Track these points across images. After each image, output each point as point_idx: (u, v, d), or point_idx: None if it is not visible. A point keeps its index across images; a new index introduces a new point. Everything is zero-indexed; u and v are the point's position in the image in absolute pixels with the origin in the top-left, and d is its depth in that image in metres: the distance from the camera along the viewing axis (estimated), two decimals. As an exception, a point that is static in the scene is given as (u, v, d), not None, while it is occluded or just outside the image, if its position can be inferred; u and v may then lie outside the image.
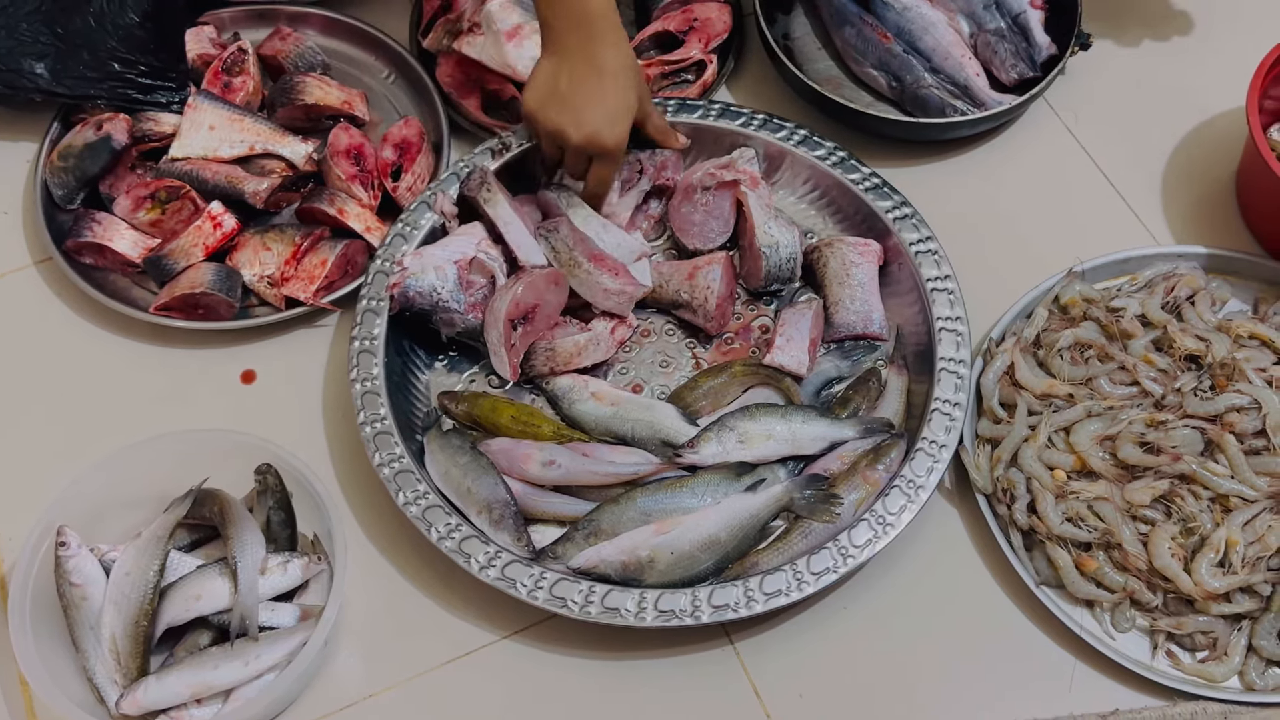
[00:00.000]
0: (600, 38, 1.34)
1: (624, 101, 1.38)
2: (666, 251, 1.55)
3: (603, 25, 1.34)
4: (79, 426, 1.45)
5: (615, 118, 1.38)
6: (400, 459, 1.34)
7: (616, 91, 1.37)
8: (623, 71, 1.36)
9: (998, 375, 1.42)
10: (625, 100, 1.38)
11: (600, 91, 1.36)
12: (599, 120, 1.37)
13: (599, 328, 1.44)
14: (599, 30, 1.34)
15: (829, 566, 1.28)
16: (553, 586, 1.27)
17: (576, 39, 1.35)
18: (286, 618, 1.28)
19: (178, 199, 1.52)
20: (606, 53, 1.35)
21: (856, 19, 1.68)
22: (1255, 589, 1.29)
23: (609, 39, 1.35)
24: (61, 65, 1.58)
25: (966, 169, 1.64)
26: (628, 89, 1.38)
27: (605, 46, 1.35)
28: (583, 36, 1.34)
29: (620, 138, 1.39)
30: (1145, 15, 1.76)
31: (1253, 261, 1.52)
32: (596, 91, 1.36)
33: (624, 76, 1.37)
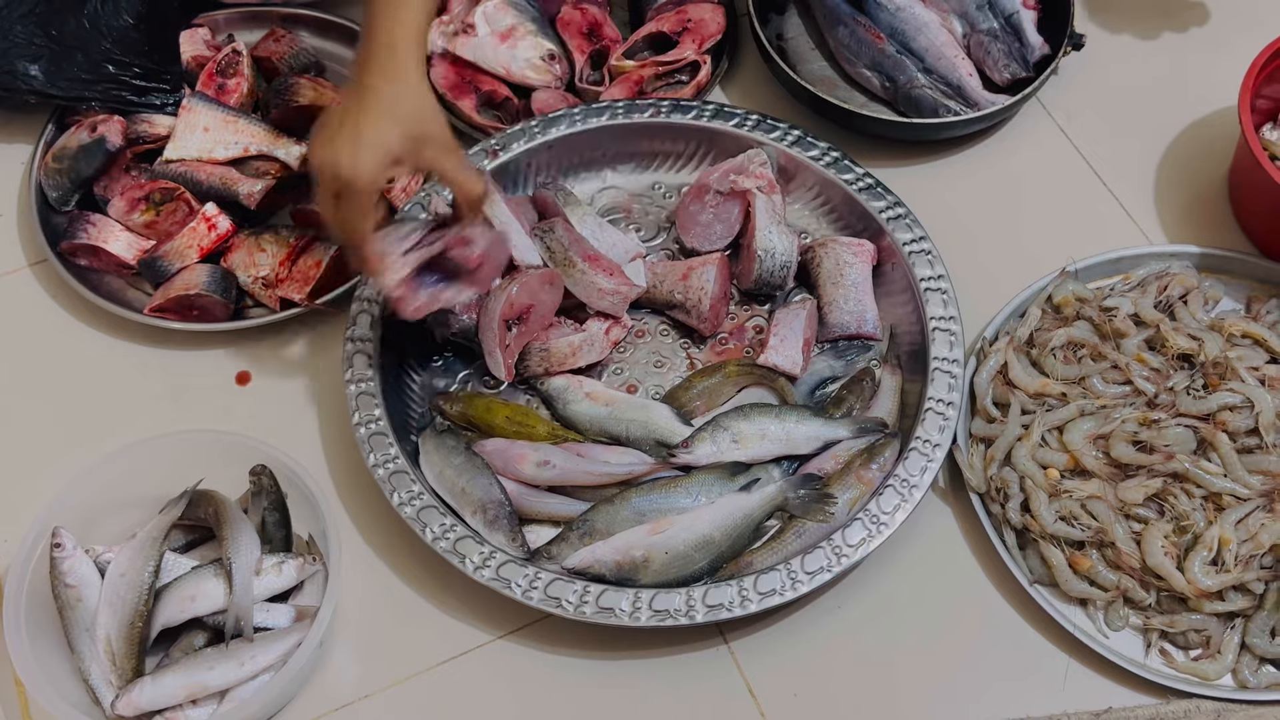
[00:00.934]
0: (376, 66, 1.22)
1: (376, 133, 1.20)
2: (662, 251, 1.56)
3: (384, 55, 1.21)
4: (74, 428, 1.45)
5: (360, 147, 1.19)
6: (395, 460, 1.34)
7: (372, 122, 1.20)
8: (389, 100, 1.21)
9: (991, 374, 1.43)
10: (378, 133, 1.20)
11: (354, 118, 1.20)
12: (339, 147, 1.20)
13: (594, 328, 1.44)
14: (376, 58, 1.22)
15: (823, 566, 1.28)
16: (547, 586, 1.27)
17: (357, 66, 1.23)
18: (281, 618, 1.28)
19: (172, 201, 1.52)
20: (376, 82, 1.21)
21: (850, 19, 1.68)
22: (1248, 587, 1.30)
23: (385, 69, 1.21)
24: (56, 67, 1.58)
25: (960, 169, 1.65)
26: (387, 122, 1.21)
27: (377, 76, 1.21)
28: (360, 63, 1.23)
29: (361, 170, 1.20)
30: (1138, 15, 1.77)
31: (1245, 260, 1.52)
32: (351, 118, 1.21)
33: (388, 105, 1.21)
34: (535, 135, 1.54)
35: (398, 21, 1.22)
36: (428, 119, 1.25)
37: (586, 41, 1.68)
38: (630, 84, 1.64)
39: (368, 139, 1.20)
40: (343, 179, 1.21)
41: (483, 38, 1.62)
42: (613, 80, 1.66)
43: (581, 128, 1.55)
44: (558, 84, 1.64)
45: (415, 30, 1.23)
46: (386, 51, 1.22)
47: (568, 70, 1.66)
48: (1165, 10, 1.77)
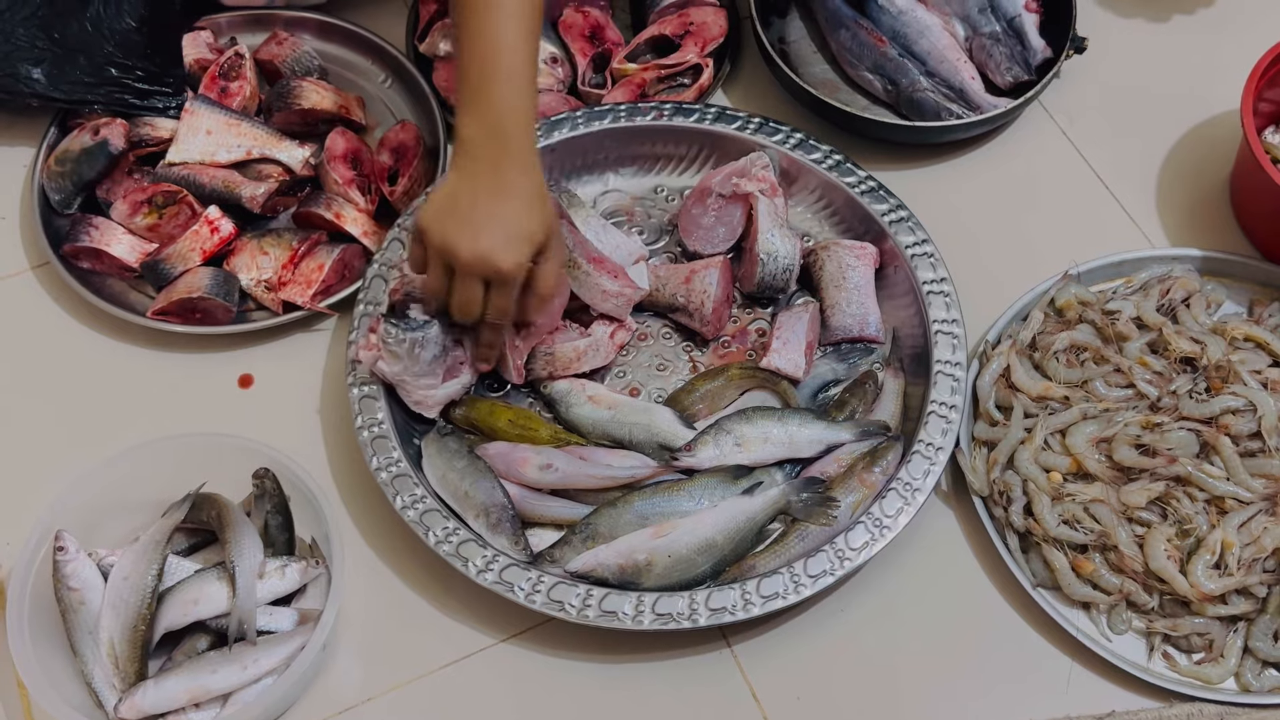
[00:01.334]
0: (511, 157, 1.24)
1: (526, 226, 1.24)
2: (664, 254, 1.55)
3: (517, 146, 1.24)
4: (76, 431, 1.45)
5: (514, 239, 1.24)
6: (398, 463, 1.34)
7: (519, 215, 1.24)
8: (530, 197, 1.25)
9: (994, 378, 1.43)
10: (527, 225, 1.24)
11: (502, 212, 1.24)
12: (495, 239, 1.23)
13: (598, 332, 1.44)
14: (512, 150, 1.24)
15: (826, 569, 1.28)
16: (550, 590, 1.27)
17: (488, 156, 1.24)
18: (284, 622, 1.28)
19: (175, 204, 1.52)
20: (515, 175, 1.24)
21: (852, 23, 1.68)
22: (1251, 591, 1.30)
23: (520, 162, 1.25)
24: (58, 70, 1.58)
25: (962, 172, 1.65)
26: (532, 216, 1.25)
27: (516, 168, 1.24)
28: (495, 154, 1.24)
29: (517, 262, 1.24)
30: (1140, 19, 1.77)
31: (1247, 264, 1.52)
32: (499, 211, 1.24)
33: (531, 202, 1.25)
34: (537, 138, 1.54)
35: (520, 110, 1.25)
36: (553, 212, 1.29)
37: (589, 44, 1.68)
38: (632, 87, 1.64)
39: (521, 233, 1.25)
40: (496, 270, 1.24)
41: (485, 41, 1.62)
42: (615, 83, 1.66)
43: (584, 131, 1.55)
44: (560, 87, 1.64)
45: (534, 116, 1.28)
46: (519, 145, 1.25)
47: (570, 73, 1.66)
48: (1168, 14, 1.77)
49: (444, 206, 1.25)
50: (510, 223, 1.24)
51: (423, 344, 1.33)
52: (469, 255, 1.24)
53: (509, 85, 1.24)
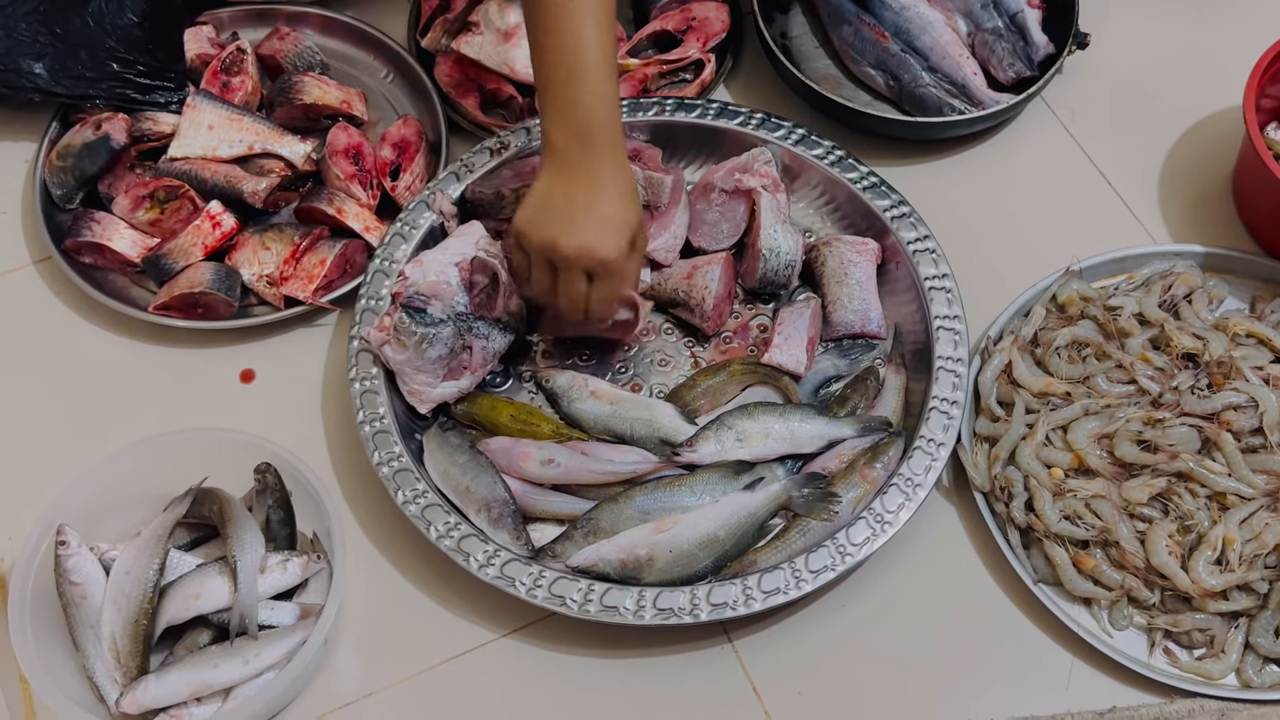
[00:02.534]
0: (601, 154, 1.27)
1: (622, 215, 1.28)
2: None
3: (604, 141, 1.27)
4: (78, 426, 1.45)
5: (613, 229, 1.27)
6: (399, 458, 1.34)
7: (615, 206, 1.27)
8: (622, 190, 1.28)
9: (995, 373, 1.43)
10: (624, 215, 1.28)
11: (598, 204, 1.27)
12: (595, 230, 1.27)
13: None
14: (601, 147, 1.27)
15: (827, 565, 1.28)
16: (551, 585, 1.27)
17: (578, 155, 1.27)
18: (286, 616, 1.28)
19: (176, 198, 1.52)
20: (606, 170, 1.27)
21: (854, 18, 1.68)
22: (1252, 586, 1.30)
23: (610, 158, 1.27)
24: (60, 65, 1.58)
25: (964, 168, 1.64)
26: (626, 206, 1.28)
27: (606, 164, 1.27)
28: (584, 153, 1.27)
29: (619, 250, 1.27)
30: (1143, 14, 1.76)
31: (1249, 260, 1.52)
32: (594, 205, 1.27)
33: (624, 194, 1.28)
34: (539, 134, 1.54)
35: (606, 108, 1.26)
36: (640, 209, 1.32)
37: (591, 40, 1.67)
38: (634, 82, 1.63)
39: (618, 223, 1.28)
40: (599, 261, 1.27)
41: (487, 36, 1.62)
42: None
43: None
44: (562, 82, 1.64)
45: (619, 110, 1.29)
46: (604, 136, 1.27)
47: (572, 69, 1.66)
48: (1171, 9, 1.76)
49: (540, 207, 1.28)
50: (607, 214, 1.27)
51: (432, 341, 1.34)
52: (571, 249, 1.27)
53: (590, 83, 1.26)
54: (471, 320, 1.38)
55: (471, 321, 1.38)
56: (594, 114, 1.26)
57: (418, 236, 1.48)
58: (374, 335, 1.38)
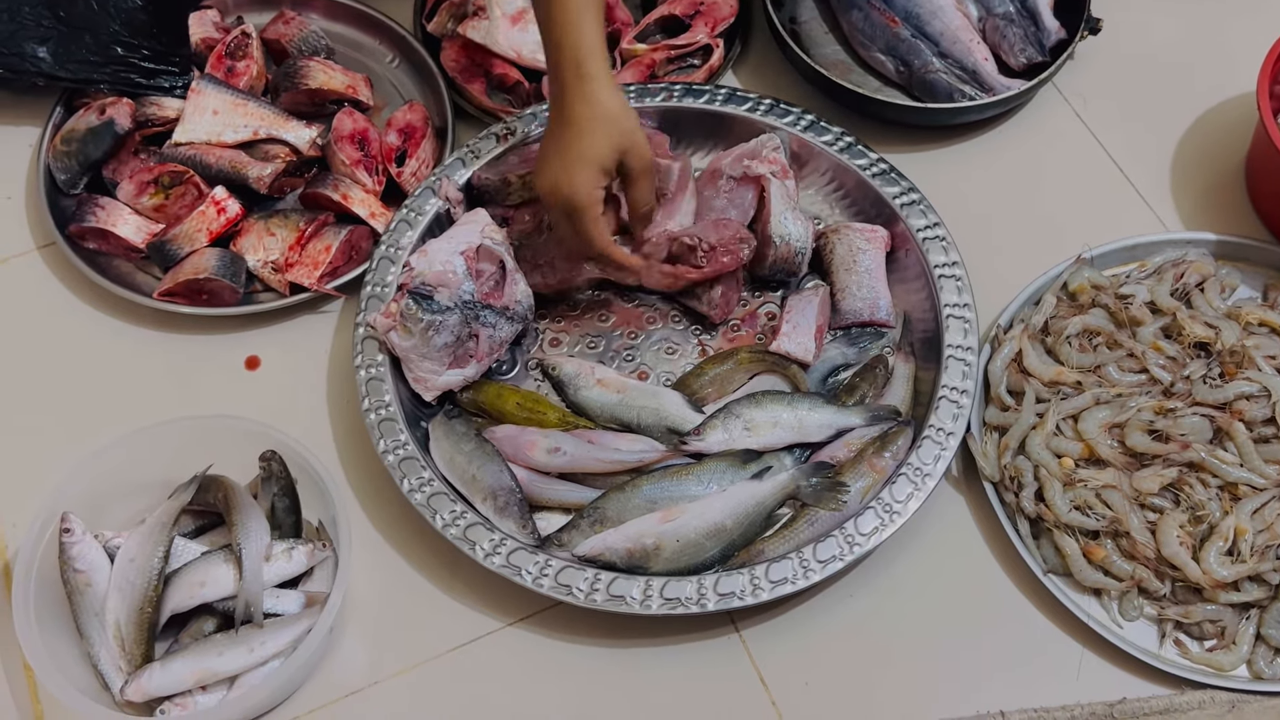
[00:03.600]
0: (569, 89, 1.28)
1: (582, 150, 1.29)
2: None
3: (576, 73, 1.28)
4: (82, 412, 1.45)
5: (571, 165, 1.29)
6: (405, 446, 1.33)
7: (577, 139, 1.28)
8: (590, 120, 1.28)
9: (1005, 362, 1.42)
10: (583, 148, 1.29)
11: (562, 141, 1.29)
12: (555, 171, 1.30)
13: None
14: (572, 78, 1.28)
15: (835, 554, 1.27)
16: (558, 574, 1.26)
17: (554, 89, 1.31)
18: (291, 605, 1.28)
19: (181, 184, 1.51)
20: (574, 101, 1.28)
21: (864, 3, 1.66)
22: (1264, 577, 1.29)
23: (581, 88, 1.28)
24: (64, 49, 1.58)
25: (974, 154, 1.63)
26: (591, 137, 1.28)
27: (574, 98, 1.28)
28: (558, 86, 1.30)
29: (577, 187, 1.29)
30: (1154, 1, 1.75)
31: (1262, 248, 1.51)
32: (559, 142, 1.30)
33: (590, 125, 1.28)
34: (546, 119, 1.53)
35: (578, 46, 1.28)
36: (627, 129, 1.31)
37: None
38: (642, 68, 1.62)
39: (578, 158, 1.29)
40: (564, 198, 1.30)
41: (494, 21, 1.61)
42: (624, 64, 1.64)
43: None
44: (569, 67, 1.63)
45: (596, 47, 1.28)
46: (575, 78, 1.28)
47: (579, 54, 1.65)
48: (1183, -6, 1.75)
49: (538, 164, 1.34)
50: (568, 152, 1.29)
51: (438, 329, 1.33)
52: (541, 192, 1.33)
53: (562, 18, 1.27)
54: (478, 308, 1.37)
55: (478, 309, 1.37)
56: (563, 50, 1.28)
57: (423, 223, 1.47)
58: (380, 322, 1.37)
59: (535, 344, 1.47)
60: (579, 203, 1.31)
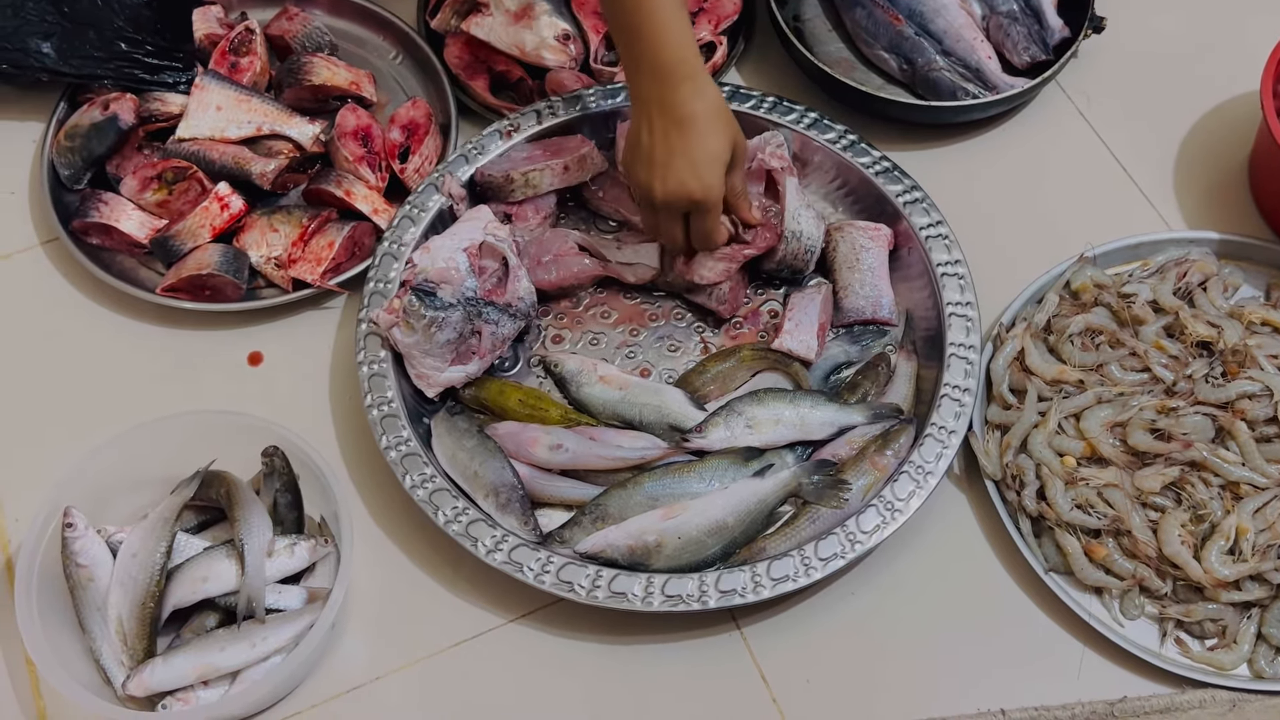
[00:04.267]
0: (677, 85, 1.27)
1: (708, 148, 1.29)
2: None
3: (680, 71, 1.27)
4: (85, 407, 1.45)
5: (700, 165, 1.29)
6: (407, 442, 1.33)
7: (700, 138, 1.28)
8: (706, 117, 1.28)
9: (1008, 361, 1.42)
10: (710, 147, 1.29)
11: (682, 141, 1.28)
12: (683, 171, 1.29)
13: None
14: (676, 78, 1.27)
15: (837, 552, 1.27)
16: (560, 570, 1.26)
17: (655, 91, 1.28)
18: (293, 600, 1.28)
19: (185, 180, 1.51)
20: (686, 100, 1.27)
21: (867, 1, 1.66)
22: (1265, 577, 1.29)
23: (688, 86, 1.27)
24: (68, 44, 1.58)
25: (978, 153, 1.63)
26: (713, 135, 1.29)
27: (684, 94, 1.27)
28: (660, 87, 1.28)
29: (710, 185, 1.30)
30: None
31: (1266, 247, 1.51)
32: (678, 142, 1.28)
33: (708, 122, 1.28)
34: (549, 116, 1.53)
35: (681, 44, 1.28)
36: (733, 120, 1.32)
37: (601, 21, 1.66)
38: (645, 65, 1.62)
39: (707, 158, 1.29)
40: (697, 200, 1.30)
41: (497, 17, 1.61)
42: (628, 61, 1.64)
43: (596, 109, 1.54)
44: (572, 64, 1.63)
45: (693, 41, 1.29)
46: (684, 75, 1.27)
47: (583, 50, 1.65)
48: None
49: (632, 148, 1.33)
50: (694, 150, 1.28)
51: (441, 325, 1.33)
52: (662, 194, 1.31)
53: (658, 19, 1.26)
54: (481, 305, 1.37)
55: (481, 306, 1.37)
56: (664, 50, 1.27)
57: (426, 219, 1.47)
58: (383, 318, 1.37)
59: (538, 341, 1.47)
60: (712, 202, 1.31)
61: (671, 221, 1.35)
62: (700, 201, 1.31)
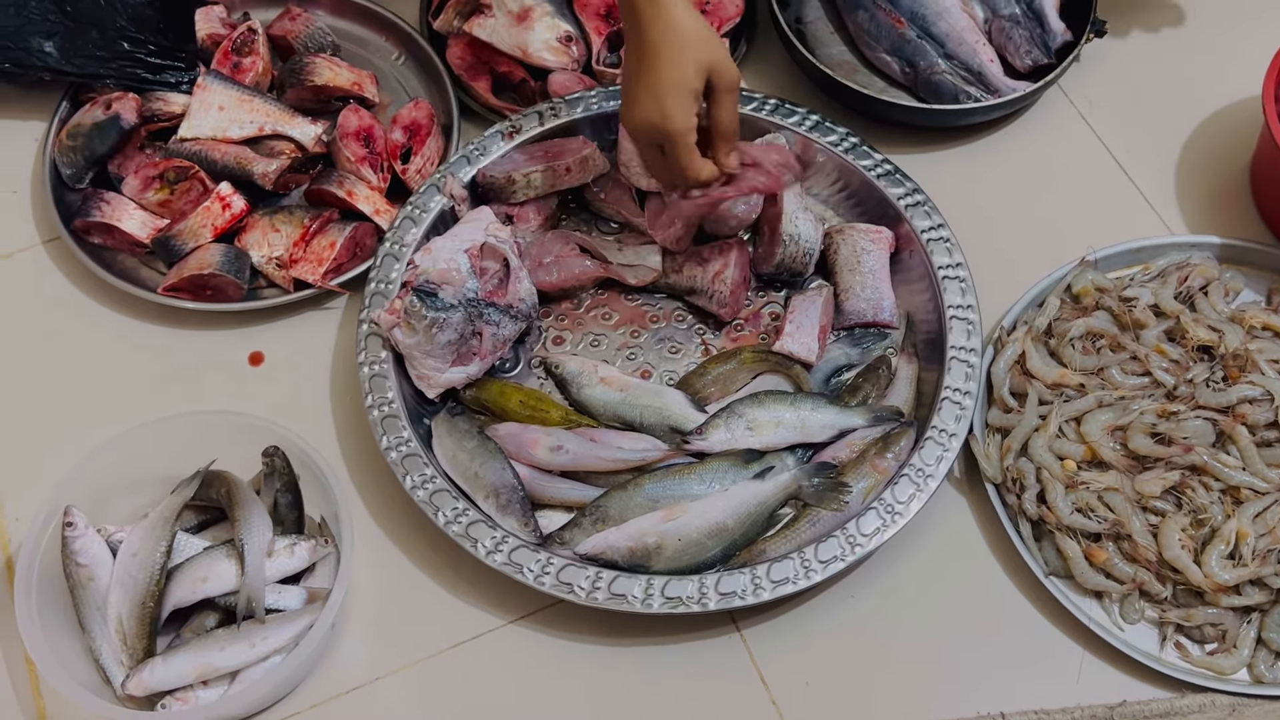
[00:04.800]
0: (646, 15, 1.25)
1: (669, 76, 1.25)
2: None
3: (650, 11, 1.25)
4: (86, 407, 1.45)
5: (661, 95, 1.26)
6: (408, 442, 1.33)
7: (663, 67, 1.25)
8: (670, 45, 1.25)
9: (1009, 364, 1.42)
10: (670, 75, 1.25)
11: (646, 71, 1.26)
12: (644, 99, 1.27)
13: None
14: (641, 8, 1.25)
15: (837, 555, 1.27)
16: (559, 572, 1.26)
17: (630, 21, 1.28)
18: (293, 600, 1.28)
19: (186, 179, 1.52)
20: (652, 29, 1.25)
21: (870, 3, 1.66)
22: (1265, 581, 1.29)
23: (655, 15, 1.25)
24: (70, 44, 1.58)
25: (979, 156, 1.63)
26: (677, 63, 1.25)
27: (651, 23, 1.25)
28: (630, 19, 1.27)
29: (670, 115, 1.26)
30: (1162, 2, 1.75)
31: (1267, 252, 1.51)
32: (645, 72, 1.26)
33: (671, 50, 1.25)
34: (551, 117, 1.53)
35: None
36: (711, 46, 1.28)
37: (604, 23, 1.66)
38: (648, 67, 1.62)
39: (669, 87, 1.26)
40: (661, 131, 1.28)
41: (499, 19, 1.61)
42: (630, 63, 1.64)
43: (598, 110, 1.54)
44: (574, 66, 1.63)
45: None
46: (649, 3, 1.25)
47: (585, 52, 1.65)
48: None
49: (620, 84, 1.32)
50: (655, 80, 1.26)
51: (442, 326, 1.33)
52: (633, 126, 1.30)
53: None
54: (482, 306, 1.37)
55: (482, 307, 1.37)
56: None
57: (428, 220, 1.47)
58: (384, 318, 1.37)
59: (539, 342, 1.47)
60: (674, 131, 1.27)
61: (648, 154, 1.33)
62: (662, 130, 1.28)
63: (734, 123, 1.32)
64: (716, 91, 1.29)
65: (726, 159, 1.33)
